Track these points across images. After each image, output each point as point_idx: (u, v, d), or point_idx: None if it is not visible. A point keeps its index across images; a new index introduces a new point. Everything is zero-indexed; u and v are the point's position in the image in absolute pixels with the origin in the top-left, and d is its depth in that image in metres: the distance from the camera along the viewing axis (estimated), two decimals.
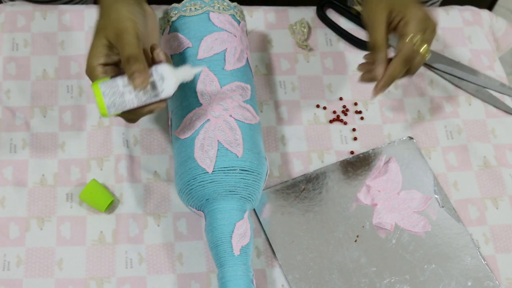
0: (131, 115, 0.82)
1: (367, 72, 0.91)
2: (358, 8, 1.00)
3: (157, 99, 0.80)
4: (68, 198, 0.95)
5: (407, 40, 0.88)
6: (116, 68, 0.82)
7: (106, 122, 1.00)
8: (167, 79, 0.80)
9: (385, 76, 0.89)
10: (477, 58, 1.11)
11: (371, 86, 1.07)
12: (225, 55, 0.91)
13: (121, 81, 0.80)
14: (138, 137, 1.00)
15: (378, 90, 0.89)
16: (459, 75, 1.08)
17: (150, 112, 0.81)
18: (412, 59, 0.89)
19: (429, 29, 0.90)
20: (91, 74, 0.81)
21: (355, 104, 1.05)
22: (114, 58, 0.82)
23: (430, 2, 1.22)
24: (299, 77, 1.07)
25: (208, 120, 0.87)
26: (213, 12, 0.93)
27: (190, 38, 0.92)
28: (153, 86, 0.80)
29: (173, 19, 0.94)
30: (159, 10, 1.10)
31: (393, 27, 0.90)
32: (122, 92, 0.79)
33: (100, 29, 0.82)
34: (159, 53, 0.81)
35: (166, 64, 0.81)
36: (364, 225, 0.95)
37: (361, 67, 0.93)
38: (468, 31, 1.13)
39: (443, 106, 1.06)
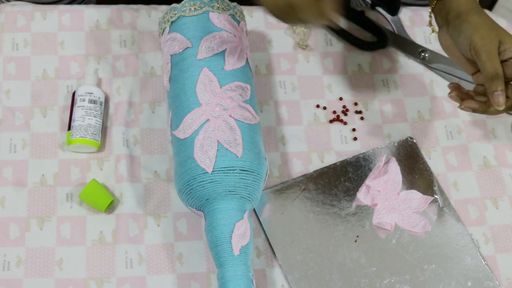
0: None
1: (473, 102, 0.92)
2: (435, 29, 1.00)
3: None
4: (68, 198, 0.95)
5: None
6: None
7: (106, 123, 1.00)
8: None
9: None
10: None
11: (371, 86, 1.07)
12: (224, 55, 0.91)
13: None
14: (138, 137, 1.00)
15: None
16: (459, 75, 1.08)
17: None
18: None
19: None
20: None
21: (355, 104, 1.05)
22: None
23: None
24: (299, 77, 1.07)
25: (208, 120, 0.87)
26: (213, 12, 0.93)
27: (190, 38, 0.92)
28: None
29: (173, 19, 0.94)
30: (159, 10, 1.10)
31: (501, 60, 0.90)
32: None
33: None
34: None
35: None
36: (364, 225, 0.95)
37: (456, 95, 0.93)
38: None
39: (443, 106, 1.06)
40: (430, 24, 1.01)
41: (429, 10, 0.99)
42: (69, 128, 0.97)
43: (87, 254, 0.92)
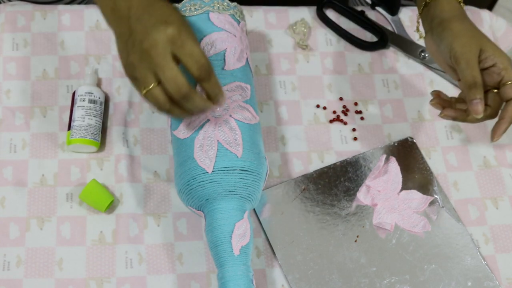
0: None
1: (452, 110, 0.93)
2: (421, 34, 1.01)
3: None
4: (68, 198, 0.95)
5: None
6: None
7: (106, 123, 1.00)
8: None
9: (508, 119, 0.91)
10: None
11: (371, 86, 1.07)
12: (224, 55, 0.91)
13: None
14: (138, 137, 1.00)
15: (500, 134, 0.91)
16: None
17: None
18: None
19: None
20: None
21: (355, 104, 1.05)
22: None
23: None
24: (299, 77, 1.07)
25: (208, 120, 0.87)
26: (213, 12, 0.93)
27: None
28: None
29: None
30: None
31: (482, 68, 0.91)
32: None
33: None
34: None
35: None
36: (364, 225, 0.95)
37: (437, 103, 0.95)
38: None
39: None
40: (418, 29, 1.01)
41: (417, 15, 1.00)
42: (69, 128, 0.97)
43: (87, 254, 0.92)
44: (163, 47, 0.78)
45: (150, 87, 0.79)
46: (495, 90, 0.92)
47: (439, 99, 0.95)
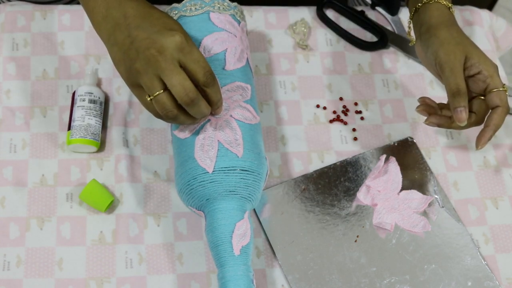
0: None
1: (437, 117, 0.94)
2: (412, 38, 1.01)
3: None
4: (68, 198, 0.95)
5: (502, 93, 0.91)
6: None
7: (106, 123, 1.00)
8: None
9: (492, 127, 0.91)
10: None
11: (371, 87, 1.07)
12: (225, 55, 0.91)
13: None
14: (138, 137, 1.00)
15: (485, 142, 0.92)
16: None
17: None
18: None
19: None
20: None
21: (355, 104, 1.05)
22: None
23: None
24: (299, 77, 1.07)
25: (209, 120, 0.87)
26: (213, 12, 0.93)
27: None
28: None
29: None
30: None
31: (467, 75, 0.91)
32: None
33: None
34: None
35: None
36: (364, 225, 0.95)
37: (423, 110, 0.96)
38: (468, 31, 1.13)
39: None
40: (409, 34, 1.01)
41: (408, 20, 0.99)
42: (69, 128, 0.97)
43: (87, 254, 0.92)
44: (171, 53, 0.78)
45: (157, 93, 0.79)
46: (482, 97, 0.92)
47: (426, 106, 0.96)
